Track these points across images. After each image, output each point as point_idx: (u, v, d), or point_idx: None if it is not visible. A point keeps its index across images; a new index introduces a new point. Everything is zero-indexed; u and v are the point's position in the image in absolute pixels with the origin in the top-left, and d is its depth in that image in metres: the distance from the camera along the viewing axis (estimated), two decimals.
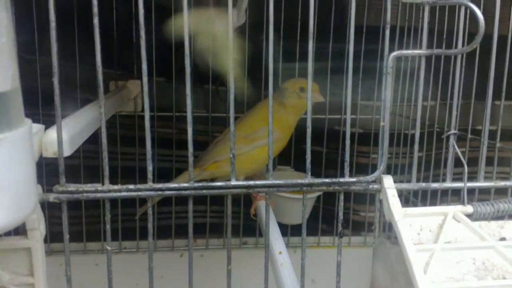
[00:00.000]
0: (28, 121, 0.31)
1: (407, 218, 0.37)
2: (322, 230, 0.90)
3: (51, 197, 0.35)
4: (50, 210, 0.45)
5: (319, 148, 0.87)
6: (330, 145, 0.87)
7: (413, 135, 0.74)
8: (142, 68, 0.35)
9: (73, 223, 0.80)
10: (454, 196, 0.62)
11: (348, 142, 0.38)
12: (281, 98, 0.67)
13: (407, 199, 0.69)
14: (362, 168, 0.87)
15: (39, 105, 0.75)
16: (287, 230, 0.86)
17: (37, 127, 0.39)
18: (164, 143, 0.84)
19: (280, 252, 0.55)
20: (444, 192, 0.65)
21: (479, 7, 0.59)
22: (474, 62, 0.61)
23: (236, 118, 0.44)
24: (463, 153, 0.39)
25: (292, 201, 0.72)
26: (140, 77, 0.78)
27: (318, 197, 0.81)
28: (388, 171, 0.39)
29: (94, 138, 0.47)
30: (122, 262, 0.77)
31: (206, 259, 0.85)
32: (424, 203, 0.69)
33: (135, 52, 0.78)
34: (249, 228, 0.87)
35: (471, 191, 0.42)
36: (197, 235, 0.86)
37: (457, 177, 0.41)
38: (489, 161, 0.47)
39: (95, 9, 0.33)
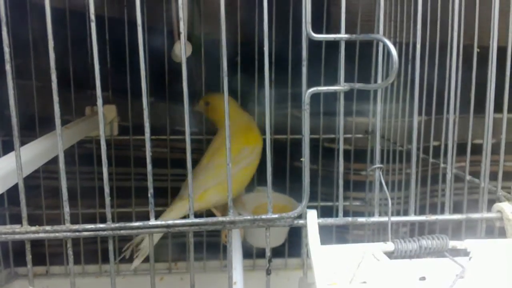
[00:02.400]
0: None
1: (325, 256, 0.36)
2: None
3: None
4: None
5: (312, 166, 0.87)
6: (324, 162, 0.87)
7: (408, 151, 0.74)
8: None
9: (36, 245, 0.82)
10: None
11: (269, 178, 0.38)
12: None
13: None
14: (358, 185, 0.86)
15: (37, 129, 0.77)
16: (261, 252, 0.86)
17: None
18: (157, 162, 0.85)
19: (235, 283, 0.54)
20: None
21: (473, 19, 0.58)
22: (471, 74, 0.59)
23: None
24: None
25: None
26: (115, 102, 0.81)
27: None
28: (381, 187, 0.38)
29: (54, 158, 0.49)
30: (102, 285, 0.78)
31: (186, 282, 0.86)
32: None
33: (110, 75, 0.79)
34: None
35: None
36: (177, 258, 0.87)
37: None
38: None
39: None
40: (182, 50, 0.36)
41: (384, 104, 0.74)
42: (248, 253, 0.85)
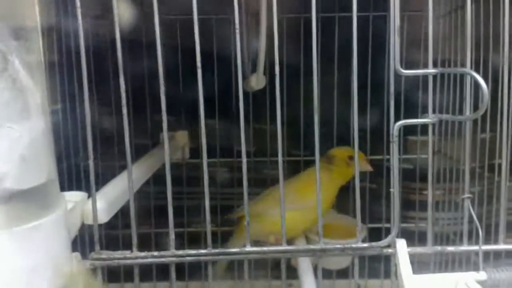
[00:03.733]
0: (63, 202, 0.36)
1: (417, 285, 0.37)
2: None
3: (88, 264, 0.40)
4: None
5: (372, 184, 0.88)
6: (376, 181, 0.87)
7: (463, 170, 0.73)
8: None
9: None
10: None
11: (358, 205, 0.40)
12: (329, 165, 0.70)
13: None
14: (411, 205, 0.86)
15: (98, 154, 0.83)
16: (332, 274, 0.87)
17: (79, 196, 0.45)
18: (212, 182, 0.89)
19: None
20: None
21: (488, 30, 0.57)
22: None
23: None
24: None
25: None
26: (187, 127, 0.86)
27: None
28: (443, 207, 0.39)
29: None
30: None
31: None
32: None
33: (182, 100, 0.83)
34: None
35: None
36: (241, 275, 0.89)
37: None
38: None
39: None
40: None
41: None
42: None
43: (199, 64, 0.37)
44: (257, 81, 0.62)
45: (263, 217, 0.69)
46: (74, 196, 0.44)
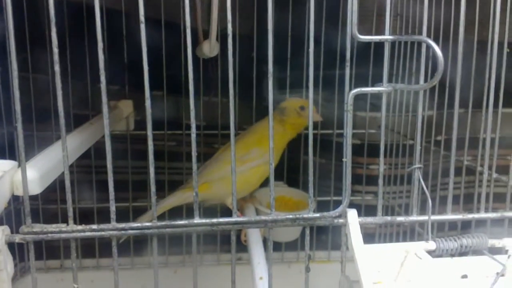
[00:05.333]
0: None
1: (368, 255, 0.37)
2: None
3: (17, 238, 0.36)
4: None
5: (321, 160, 0.88)
6: (325, 155, 0.88)
7: (411, 146, 0.75)
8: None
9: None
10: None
11: (311, 178, 0.39)
12: (281, 116, 0.70)
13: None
14: (359, 179, 0.87)
15: (34, 124, 0.77)
16: (281, 246, 0.87)
17: (10, 164, 0.41)
18: (159, 155, 0.85)
19: (261, 278, 0.55)
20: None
21: (474, 14, 0.59)
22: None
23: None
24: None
25: None
26: (131, 97, 0.81)
27: None
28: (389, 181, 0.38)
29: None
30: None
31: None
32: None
33: (127, 68, 0.79)
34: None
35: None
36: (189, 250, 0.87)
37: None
38: None
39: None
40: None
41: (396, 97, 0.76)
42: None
43: (142, 18, 0.34)
44: (210, 48, 0.58)
45: (225, 179, 0.67)
46: (2, 165, 0.39)
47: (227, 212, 0.79)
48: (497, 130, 0.49)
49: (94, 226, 0.37)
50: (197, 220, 0.38)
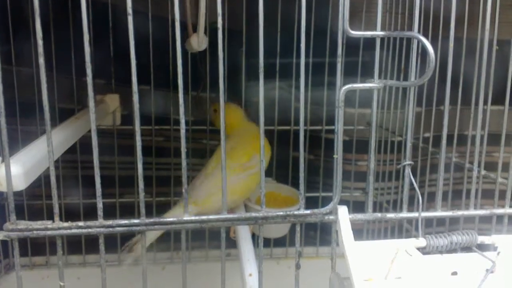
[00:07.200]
0: None
1: (359, 252, 0.37)
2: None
3: (1, 235, 0.35)
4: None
5: (309, 155, 0.88)
6: (314, 152, 0.88)
7: (399, 142, 0.75)
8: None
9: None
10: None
11: (302, 175, 0.39)
12: None
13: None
14: (347, 175, 0.87)
15: (17, 118, 0.75)
16: (270, 242, 0.87)
17: None
18: (147, 151, 0.84)
19: (250, 274, 0.55)
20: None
21: (463, 11, 0.59)
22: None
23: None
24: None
25: None
26: (118, 91, 0.80)
27: None
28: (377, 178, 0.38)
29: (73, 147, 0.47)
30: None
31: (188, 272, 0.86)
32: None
33: (113, 62, 0.77)
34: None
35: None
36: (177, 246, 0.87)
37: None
38: None
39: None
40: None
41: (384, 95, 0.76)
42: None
43: (130, 10, 0.33)
44: (198, 42, 0.58)
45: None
46: None
47: None
48: (486, 127, 0.50)
49: (81, 223, 0.36)
50: (186, 217, 0.37)
